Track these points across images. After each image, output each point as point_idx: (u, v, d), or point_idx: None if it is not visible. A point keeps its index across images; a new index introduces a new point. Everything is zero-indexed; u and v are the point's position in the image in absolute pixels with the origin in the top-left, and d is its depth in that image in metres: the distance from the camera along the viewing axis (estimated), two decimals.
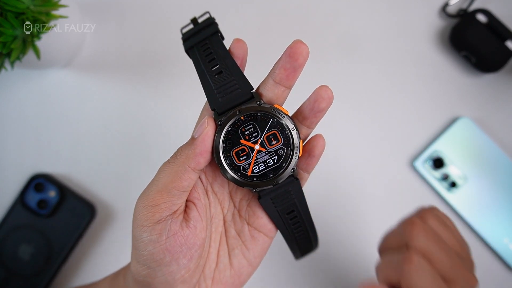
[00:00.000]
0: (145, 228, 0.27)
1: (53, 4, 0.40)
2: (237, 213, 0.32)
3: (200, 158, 0.28)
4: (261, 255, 0.33)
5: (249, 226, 0.32)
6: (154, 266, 0.28)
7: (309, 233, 0.32)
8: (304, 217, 0.31)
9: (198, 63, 0.29)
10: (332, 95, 0.28)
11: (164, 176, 0.28)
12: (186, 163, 0.28)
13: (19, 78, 0.52)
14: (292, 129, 0.29)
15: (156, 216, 0.27)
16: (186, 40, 0.30)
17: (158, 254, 0.28)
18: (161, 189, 0.28)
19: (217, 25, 0.30)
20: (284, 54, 0.28)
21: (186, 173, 0.28)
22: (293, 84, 0.30)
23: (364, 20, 0.54)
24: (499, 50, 0.50)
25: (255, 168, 0.29)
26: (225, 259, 0.32)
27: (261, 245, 0.32)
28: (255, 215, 0.31)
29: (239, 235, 0.32)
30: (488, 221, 0.51)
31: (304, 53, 0.28)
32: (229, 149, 0.29)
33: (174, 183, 0.28)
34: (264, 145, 0.29)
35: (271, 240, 0.33)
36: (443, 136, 0.51)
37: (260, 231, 0.32)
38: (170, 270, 0.28)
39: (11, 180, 0.51)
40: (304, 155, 0.30)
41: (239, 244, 0.32)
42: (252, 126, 0.29)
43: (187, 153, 0.28)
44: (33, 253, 0.49)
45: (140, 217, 0.28)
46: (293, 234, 0.32)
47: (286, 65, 0.28)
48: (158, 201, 0.27)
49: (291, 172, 0.29)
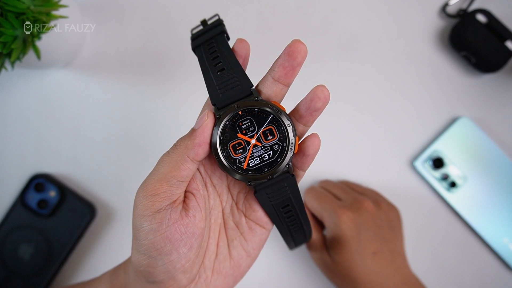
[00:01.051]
0: (145, 218, 0.28)
1: (53, 4, 0.40)
2: (235, 206, 0.33)
3: (199, 148, 0.28)
4: (259, 246, 0.33)
5: (246, 218, 0.33)
6: (155, 255, 0.28)
7: (303, 226, 0.33)
8: (298, 211, 0.32)
9: (202, 61, 0.30)
10: (328, 95, 0.29)
11: (163, 166, 0.29)
12: (185, 153, 0.28)
13: (19, 78, 0.52)
14: (288, 125, 0.29)
15: (156, 205, 0.28)
16: (194, 40, 0.31)
17: (159, 243, 0.28)
18: (161, 178, 0.28)
19: (224, 26, 0.31)
20: (283, 53, 0.29)
21: (185, 163, 0.28)
22: (292, 82, 0.30)
23: (364, 20, 0.54)
24: (499, 50, 0.50)
25: (251, 161, 0.30)
26: (224, 250, 0.32)
27: (258, 237, 0.33)
28: (251, 208, 0.32)
29: (237, 227, 0.33)
30: (488, 221, 0.51)
31: (303, 52, 0.28)
32: (226, 142, 0.30)
33: (173, 172, 0.28)
34: (260, 140, 0.30)
35: (269, 232, 0.33)
36: (443, 136, 0.51)
37: (257, 223, 0.33)
38: (171, 259, 0.29)
39: (11, 180, 0.51)
40: (299, 154, 0.30)
41: (238, 235, 0.33)
42: (249, 121, 0.30)
43: (186, 144, 0.28)
44: (33, 253, 0.49)
45: (140, 207, 0.28)
46: (287, 227, 0.33)
47: (285, 64, 0.29)
48: (157, 191, 0.28)
49: (286, 167, 0.30)
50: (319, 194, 0.47)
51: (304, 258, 0.51)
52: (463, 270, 0.51)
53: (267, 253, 0.50)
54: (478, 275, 0.51)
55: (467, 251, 0.51)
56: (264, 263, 0.51)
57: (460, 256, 0.51)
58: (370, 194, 0.48)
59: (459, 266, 0.51)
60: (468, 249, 0.51)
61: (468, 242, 0.52)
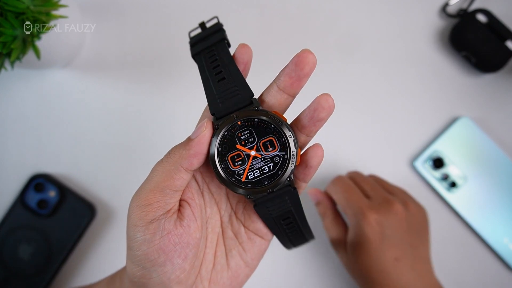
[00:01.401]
0: (138, 228, 0.27)
1: (53, 4, 0.40)
2: (233, 215, 0.32)
3: (194, 159, 0.27)
4: (258, 257, 0.33)
5: (245, 228, 0.32)
6: (149, 266, 0.28)
7: (304, 234, 0.32)
8: (299, 222, 0.31)
9: (203, 69, 0.29)
10: (333, 104, 0.28)
11: (156, 175, 0.28)
12: (179, 163, 0.27)
13: (19, 78, 0.52)
14: (290, 136, 0.28)
15: (149, 216, 0.27)
16: (194, 46, 0.31)
17: (152, 254, 0.27)
18: (154, 188, 0.28)
19: (224, 32, 0.30)
20: (291, 62, 0.28)
21: (179, 172, 0.27)
22: (297, 93, 0.29)
23: (364, 20, 0.54)
24: (499, 50, 0.50)
25: (250, 174, 0.28)
26: (222, 260, 0.32)
27: (258, 247, 0.32)
28: (250, 219, 0.31)
29: (236, 236, 0.32)
30: (488, 221, 0.51)
31: (311, 63, 0.27)
32: (225, 153, 0.28)
33: (166, 182, 0.27)
34: (260, 151, 0.28)
35: (268, 243, 0.33)
36: (443, 136, 0.51)
37: (256, 234, 0.32)
38: (165, 271, 0.28)
39: (11, 180, 0.51)
40: (302, 165, 0.29)
41: (236, 245, 0.32)
42: (249, 132, 0.28)
43: (181, 153, 0.28)
44: (33, 253, 0.49)
45: (134, 217, 0.27)
46: (287, 236, 0.32)
47: (292, 73, 0.28)
48: (151, 200, 0.27)
49: (287, 180, 0.28)
50: (347, 187, 0.45)
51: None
52: (463, 270, 0.51)
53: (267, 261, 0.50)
54: (478, 275, 0.51)
55: (467, 251, 0.51)
56: (263, 272, 0.51)
57: (460, 256, 0.51)
58: (399, 193, 0.46)
59: (459, 266, 0.51)
60: (468, 249, 0.51)
61: (468, 242, 0.52)
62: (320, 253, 0.51)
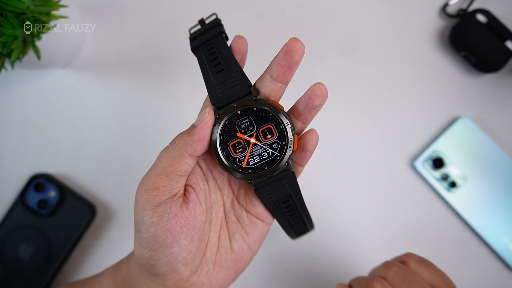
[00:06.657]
0: (146, 211, 0.29)
1: (53, 4, 0.40)
2: (235, 200, 0.33)
3: (197, 145, 0.29)
4: (260, 240, 0.34)
5: (247, 212, 0.33)
6: (157, 247, 0.29)
7: (303, 219, 0.34)
8: (298, 205, 0.32)
9: (202, 62, 0.31)
10: (326, 92, 0.29)
11: (162, 161, 0.29)
12: (183, 149, 0.29)
13: (19, 78, 0.52)
14: (287, 123, 0.30)
15: (156, 199, 0.28)
16: (193, 40, 0.32)
17: (160, 236, 0.29)
18: (160, 173, 0.29)
19: (222, 26, 0.31)
20: (281, 52, 0.29)
21: (184, 158, 0.29)
22: (290, 80, 0.30)
23: (363, 20, 0.54)
24: (499, 50, 0.50)
25: (250, 160, 0.30)
26: (226, 243, 0.33)
27: (259, 230, 0.33)
28: (251, 203, 0.33)
29: (239, 220, 0.33)
30: (488, 221, 0.51)
31: (300, 50, 0.29)
32: (226, 141, 0.30)
33: (172, 167, 0.29)
34: (259, 139, 0.30)
35: (269, 226, 0.34)
36: (443, 136, 0.51)
37: (258, 217, 0.33)
38: (172, 252, 0.29)
39: (11, 180, 0.51)
40: (298, 149, 0.31)
41: (239, 229, 0.33)
42: (248, 120, 0.30)
43: (185, 139, 0.29)
44: (33, 253, 0.49)
45: (141, 201, 0.29)
46: (287, 220, 0.33)
47: (283, 62, 0.29)
48: (157, 185, 0.29)
49: (286, 165, 0.30)
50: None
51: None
52: (463, 270, 0.51)
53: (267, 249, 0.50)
54: (478, 275, 0.51)
55: (467, 251, 0.51)
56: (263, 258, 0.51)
57: (460, 256, 0.51)
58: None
59: (459, 266, 0.51)
60: (468, 249, 0.51)
61: (468, 242, 0.52)
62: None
